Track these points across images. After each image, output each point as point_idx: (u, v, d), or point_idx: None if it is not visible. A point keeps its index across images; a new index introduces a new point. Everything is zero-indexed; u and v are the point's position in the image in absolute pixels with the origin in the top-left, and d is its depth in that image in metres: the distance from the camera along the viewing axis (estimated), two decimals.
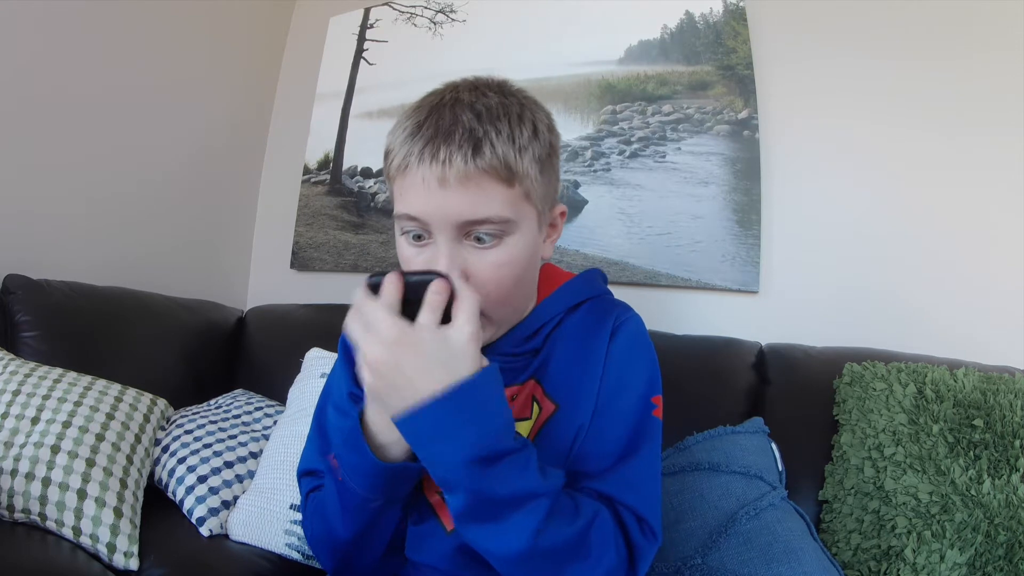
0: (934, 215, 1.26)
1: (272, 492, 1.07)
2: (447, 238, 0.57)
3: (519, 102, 0.61)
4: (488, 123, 0.57)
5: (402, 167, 0.58)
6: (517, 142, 0.58)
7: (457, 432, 0.50)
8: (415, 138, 0.57)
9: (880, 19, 1.34)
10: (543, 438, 0.63)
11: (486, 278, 0.59)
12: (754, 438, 1.02)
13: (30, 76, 1.36)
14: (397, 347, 0.50)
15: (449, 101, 0.59)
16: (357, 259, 1.77)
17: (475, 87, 0.61)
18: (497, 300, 0.60)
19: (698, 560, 0.88)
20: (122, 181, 1.58)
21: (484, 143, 0.56)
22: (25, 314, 1.22)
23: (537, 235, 0.63)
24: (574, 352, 0.66)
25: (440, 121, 0.57)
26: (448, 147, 0.55)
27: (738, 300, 1.39)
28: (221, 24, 1.83)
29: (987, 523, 0.85)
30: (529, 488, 0.52)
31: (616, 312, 0.69)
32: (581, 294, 0.70)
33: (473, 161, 0.55)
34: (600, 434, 0.63)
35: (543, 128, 0.62)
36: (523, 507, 0.52)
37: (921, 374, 1.01)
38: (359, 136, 1.86)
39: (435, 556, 0.64)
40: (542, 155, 0.61)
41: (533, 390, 0.66)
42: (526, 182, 0.59)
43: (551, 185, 0.64)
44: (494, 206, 0.57)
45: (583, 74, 1.59)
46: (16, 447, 0.95)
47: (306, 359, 1.30)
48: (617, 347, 0.66)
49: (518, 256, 0.60)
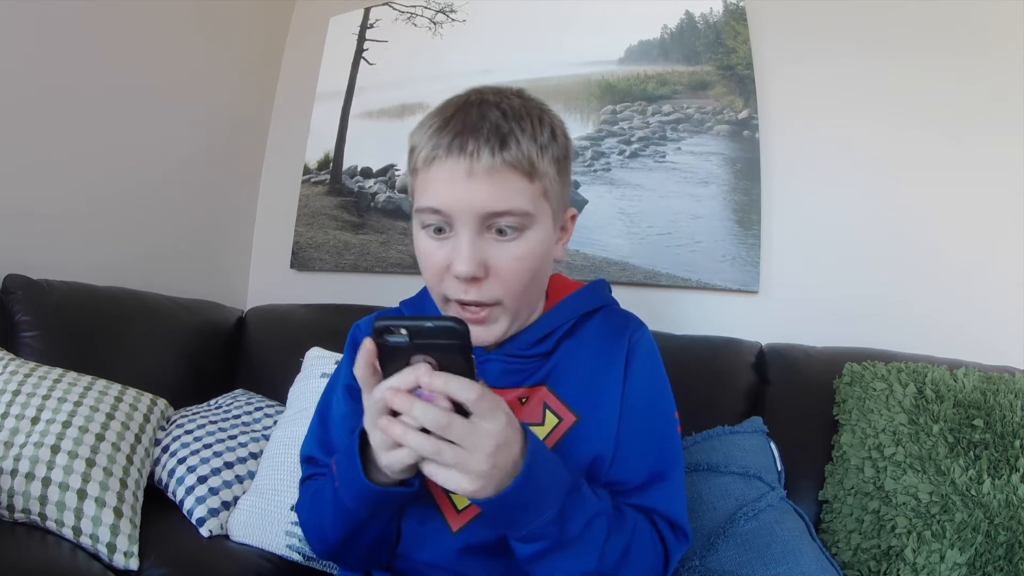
0: (934, 215, 1.26)
1: (273, 493, 1.07)
2: (470, 230, 0.59)
3: (538, 106, 0.65)
4: (513, 121, 0.60)
5: (429, 159, 0.60)
6: (539, 141, 0.60)
7: (540, 501, 0.52)
8: (443, 132, 0.59)
9: (880, 19, 1.34)
10: (566, 448, 0.65)
11: (507, 269, 0.61)
12: (753, 438, 1.02)
13: (30, 76, 1.36)
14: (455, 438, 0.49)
15: (475, 101, 0.62)
16: (357, 259, 1.77)
17: (498, 91, 0.64)
18: (515, 292, 0.62)
19: (696, 562, 0.88)
20: (122, 181, 1.58)
21: (510, 138, 0.58)
22: (25, 314, 1.22)
23: (552, 234, 0.65)
24: (590, 362, 0.68)
25: (467, 118, 0.60)
26: (476, 141, 0.58)
27: (738, 300, 1.39)
28: (221, 24, 1.83)
29: (987, 523, 0.85)
30: (593, 511, 0.55)
31: (630, 326, 0.71)
32: (591, 303, 0.72)
33: (500, 154, 0.58)
34: (634, 451, 0.66)
35: (560, 132, 0.65)
36: (589, 531, 0.55)
37: (921, 374, 1.01)
38: (359, 136, 1.86)
39: (439, 556, 0.65)
40: (559, 156, 0.63)
41: (545, 397, 0.67)
42: (545, 180, 0.61)
43: (565, 188, 0.67)
44: (517, 199, 0.59)
45: (583, 74, 1.59)
46: (16, 447, 0.95)
47: (306, 359, 1.30)
48: (638, 363, 0.68)
49: (536, 250, 0.62)
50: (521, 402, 0.66)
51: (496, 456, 0.49)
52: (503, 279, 0.61)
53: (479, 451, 0.48)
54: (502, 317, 0.63)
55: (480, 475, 0.48)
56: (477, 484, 0.49)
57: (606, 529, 0.56)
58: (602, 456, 0.65)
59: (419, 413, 0.47)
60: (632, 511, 0.62)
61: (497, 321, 0.63)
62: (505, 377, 0.67)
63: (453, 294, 0.62)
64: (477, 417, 0.48)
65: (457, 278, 0.60)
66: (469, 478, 0.48)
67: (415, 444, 0.48)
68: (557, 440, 0.65)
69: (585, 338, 0.70)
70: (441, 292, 0.63)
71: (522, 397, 0.67)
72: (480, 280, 0.60)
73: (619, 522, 0.58)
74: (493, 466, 0.49)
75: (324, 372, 1.21)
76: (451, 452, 0.48)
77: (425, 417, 0.47)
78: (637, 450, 0.66)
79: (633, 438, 0.66)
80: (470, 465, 0.48)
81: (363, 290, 1.71)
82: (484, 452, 0.48)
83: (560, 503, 0.53)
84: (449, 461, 0.48)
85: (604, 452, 0.65)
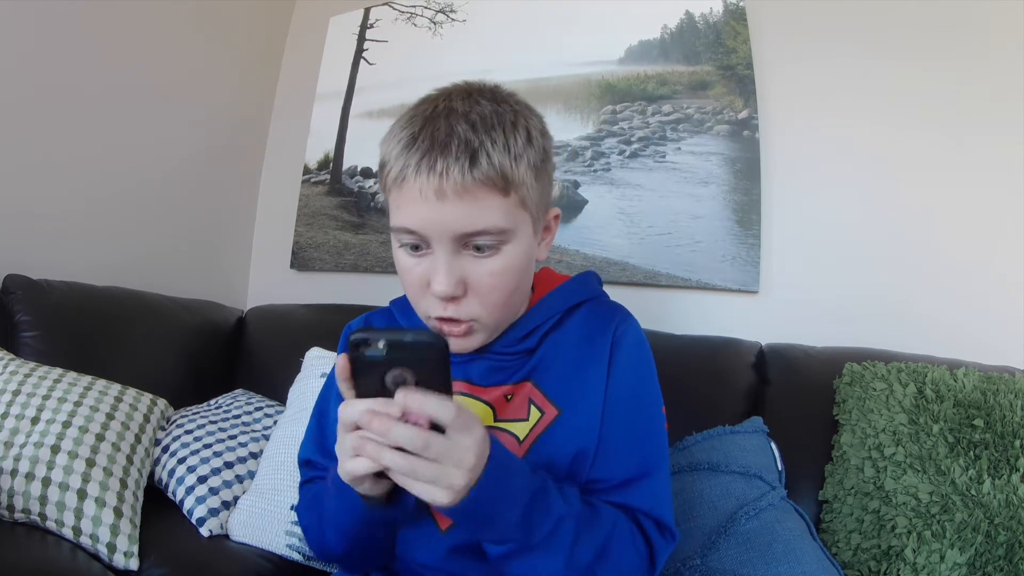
0: (934, 215, 1.26)
1: (273, 493, 1.07)
2: (446, 249, 0.58)
3: (512, 108, 0.61)
4: (483, 133, 0.57)
5: (399, 179, 0.58)
6: (512, 150, 0.58)
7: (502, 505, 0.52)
8: (411, 150, 0.57)
9: (880, 19, 1.34)
10: (546, 442, 0.64)
11: (486, 286, 0.60)
12: (753, 438, 1.02)
13: (31, 76, 1.36)
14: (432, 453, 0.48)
15: (443, 111, 0.59)
16: (357, 259, 1.77)
17: (468, 94, 0.61)
18: (494, 306, 0.61)
19: (697, 561, 0.88)
20: (122, 181, 1.58)
21: (480, 153, 0.56)
22: (25, 314, 1.22)
23: (532, 241, 0.64)
24: (574, 355, 0.67)
25: (436, 132, 0.57)
26: (445, 159, 0.55)
27: (738, 300, 1.39)
28: (221, 24, 1.83)
29: (987, 523, 0.85)
30: (557, 514, 0.55)
31: (616, 317, 0.69)
32: (576, 296, 0.71)
33: (470, 172, 0.55)
34: (616, 447, 0.64)
35: (536, 134, 0.62)
36: (556, 533, 0.54)
37: (921, 374, 1.01)
38: (359, 136, 1.86)
39: (429, 556, 0.65)
40: (536, 161, 0.61)
41: (530, 392, 0.66)
42: (522, 190, 0.59)
43: (545, 190, 0.65)
44: (491, 217, 0.57)
45: (583, 74, 1.59)
46: (16, 447, 0.95)
47: (306, 359, 1.30)
48: (623, 355, 0.66)
49: (515, 263, 0.61)
50: (507, 399, 0.66)
51: (475, 470, 0.48)
52: (482, 295, 0.60)
53: (459, 467, 0.47)
54: (480, 331, 0.63)
55: (459, 489, 0.48)
56: (454, 497, 0.48)
57: (573, 531, 0.55)
58: (585, 450, 0.63)
59: (397, 435, 0.46)
60: (611, 510, 0.61)
61: (476, 334, 0.63)
62: (490, 375, 0.67)
63: (432, 311, 0.61)
64: (454, 431, 0.47)
65: (435, 296, 0.59)
66: (447, 492, 0.48)
67: (391, 462, 0.47)
68: (539, 434, 0.64)
69: (570, 330, 0.68)
70: (422, 308, 0.63)
71: (507, 394, 0.66)
72: (459, 298, 0.60)
73: (592, 523, 0.58)
74: (471, 479, 0.48)
75: (324, 372, 1.21)
76: (427, 469, 0.47)
77: (403, 439, 0.46)
78: (620, 446, 0.64)
79: (616, 433, 0.64)
80: (449, 480, 0.47)
81: (363, 290, 1.70)
82: (464, 467, 0.48)
83: (523, 507, 0.52)
84: (426, 478, 0.47)
85: (587, 446, 0.64)
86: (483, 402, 0.66)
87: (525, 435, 0.64)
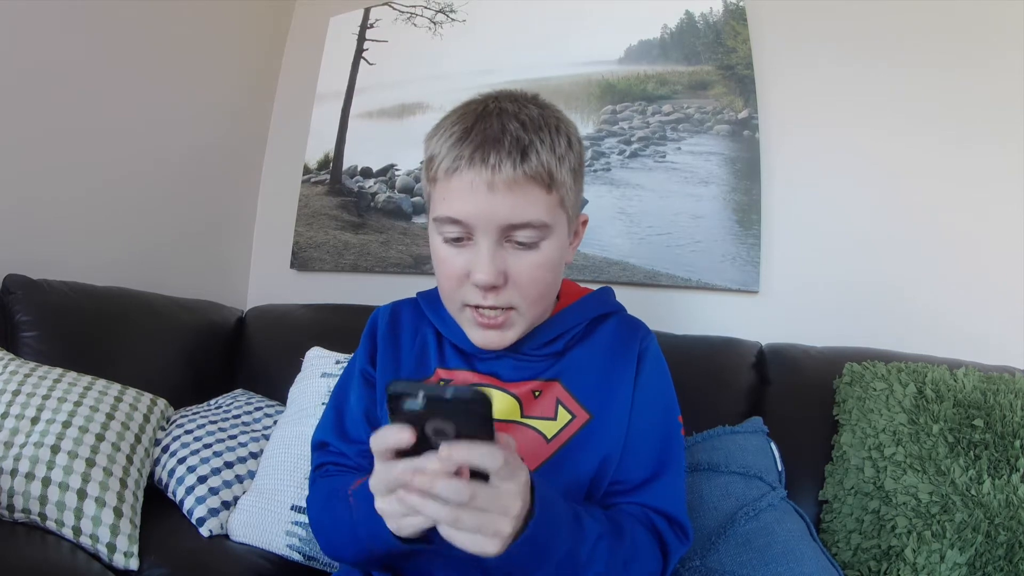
0: (934, 215, 1.26)
1: (273, 493, 1.07)
2: (490, 240, 0.61)
3: (554, 115, 0.65)
4: (533, 132, 0.60)
5: (451, 170, 0.60)
6: (557, 152, 0.61)
7: (549, 546, 0.52)
8: (464, 143, 0.60)
9: (880, 20, 1.34)
10: (579, 445, 0.66)
11: (525, 277, 0.62)
12: (753, 438, 1.02)
13: (30, 76, 1.36)
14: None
15: (494, 110, 0.62)
16: (357, 259, 1.77)
17: (515, 98, 0.65)
18: (532, 299, 0.64)
19: (696, 562, 0.88)
20: (122, 181, 1.58)
21: (531, 151, 0.59)
22: (25, 314, 1.22)
23: (566, 240, 0.67)
24: (604, 364, 0.70)
25: (488, 128, 0.60)
26: (498, 153, 0.58)
27: (738, 300, 1.39)
28: (221, 24, 1.83)
29: (987, 523, 0.85)
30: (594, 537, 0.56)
31: (640, 331, 0.74)
32: (600, 308, 0.75)
33: (521, 167, 0.59)
34: (638, 451, 0.67)
35: (575, 140, 0.66)
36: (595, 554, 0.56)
37: (921, 374, 1.01)
38: (359, 136, 1.86)
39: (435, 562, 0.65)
40: (575, 165, 0.65)
41: (559, 393, 0.68)
42: (562, 189, 0.62)
43: (579, 195, 0.68)
44: (536, 211, 0.61)
45: (583, 74, 1.59)
46: (16, 447, 0.95)
47: (306, 359, 1.30)
48: (648, 369, 0.71)
49: (552, 259, 0.64)
50: (535, 395, 0.68)
51: (521, 516, 0.48)
52: (521, 287, 0.63)
53: (505, 514, 0.47)
54: (518, 322, 0.65)
55: (505, 537, 0.47)
56: (501, 546, 0.47)
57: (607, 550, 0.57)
58: (611, 456, 0.66)
59: (441, 490, 0.44)
60: (629, 520, 0.63)
61: (513, 326, 0.65)
62: (518, 371, 0.69)
63: (471, 300, 0.63)
64: (499, 479, 0.46)
65: (476, 286, 0.62)
66: (493, 541, 0.47)
67: (434, 514, 0.46)
68: (570, 436, 0.66)
69: (598, 341, 0.72)
70: (458, 298, 0.65)
71: (536, 390, 0.68)
72: (499, 288, 0.62)
73: (618, 536, 0.59)
74: (517, 525, 0.48)
75: (324, 372, 1.21)
76: (471, 519, 0.46)
77: (448, 493, 0.44)
78: (641, 450, 0.67)
79: (638, 439, 0.67)
80: (496, 528, 0.47)
81: (363, 290, 1.71)
82: (511, 515, 0.47)
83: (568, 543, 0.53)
84: (470, 528, 0.46)
85: (613, 452, 0.66)
86: (510, 395, 0.68)
87: (553, 435, 0.66)
